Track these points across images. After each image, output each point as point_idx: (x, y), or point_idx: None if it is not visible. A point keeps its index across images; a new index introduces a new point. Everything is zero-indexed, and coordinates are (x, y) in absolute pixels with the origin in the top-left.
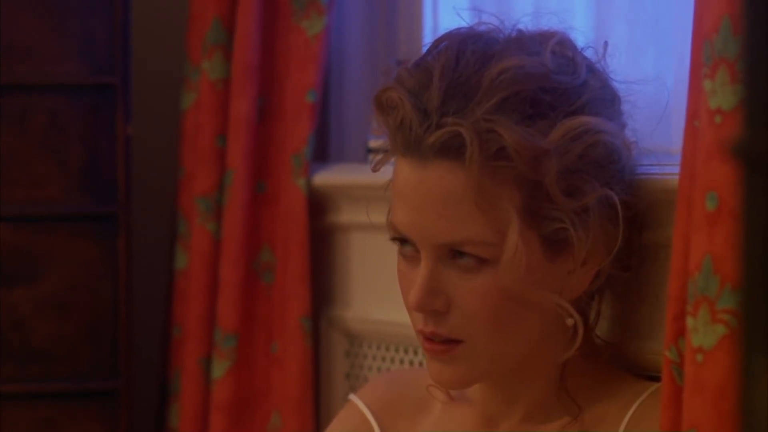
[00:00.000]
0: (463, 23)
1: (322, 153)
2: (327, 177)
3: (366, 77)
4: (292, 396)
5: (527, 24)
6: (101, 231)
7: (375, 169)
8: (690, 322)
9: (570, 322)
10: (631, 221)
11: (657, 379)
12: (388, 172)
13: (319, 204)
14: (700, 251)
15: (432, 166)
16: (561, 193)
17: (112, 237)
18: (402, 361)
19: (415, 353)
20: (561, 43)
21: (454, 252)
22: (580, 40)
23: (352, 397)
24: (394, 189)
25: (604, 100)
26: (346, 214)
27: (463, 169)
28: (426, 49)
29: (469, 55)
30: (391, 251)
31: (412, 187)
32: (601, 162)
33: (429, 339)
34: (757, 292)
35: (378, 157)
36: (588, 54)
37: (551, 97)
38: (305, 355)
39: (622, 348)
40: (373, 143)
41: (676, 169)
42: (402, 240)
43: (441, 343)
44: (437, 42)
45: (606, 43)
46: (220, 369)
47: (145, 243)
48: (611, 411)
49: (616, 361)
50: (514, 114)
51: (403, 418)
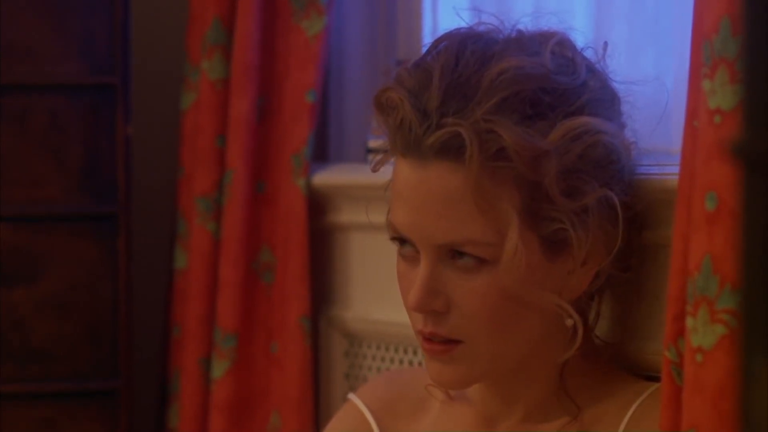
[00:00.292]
0: (462, 23)
1: (322, 153)
2: (327, 177)
3: (366, 77)
4: (291, 396)
5: (527, 24)
6: (101, 231)
7: (374, 170)
8: (690, 322)
9: (569, 322)
10: (630, 221)
11: (657, 379)
12: (387, 172)
13: (318, 204)
14: (700, 251)
15: (432, 167)
16: (560, 194)
17: (112, 237)
18: (402, 361)
19: (415, 353)
20: (561, 44)
21: (454, 252)
22: (580, 40)
23: (351, 397)
24: (393, 189)
25: (604, 101)
26: (346, 214)
27: (462, 170)
28: (426, 49)
29: (468, 55)
30: (391, 251)
31: (412, 188)
32: (600, 162)
33: (428, 339)
34: (757, 292)
35: (378, 157)
36: (588, 54)
37: (551, 97)
38: (305, 355)
39: (622, 348)
40: (372, 143)
41: (675, 169)
42: (401, 240)
43: (440, 343)
44: (437, 42)
45: (606, 44)
46: (220, 369)
47: (145, 243)
48: (610, 411)
49: (616, 361)
50: (514, 114)
51: (403, 417)
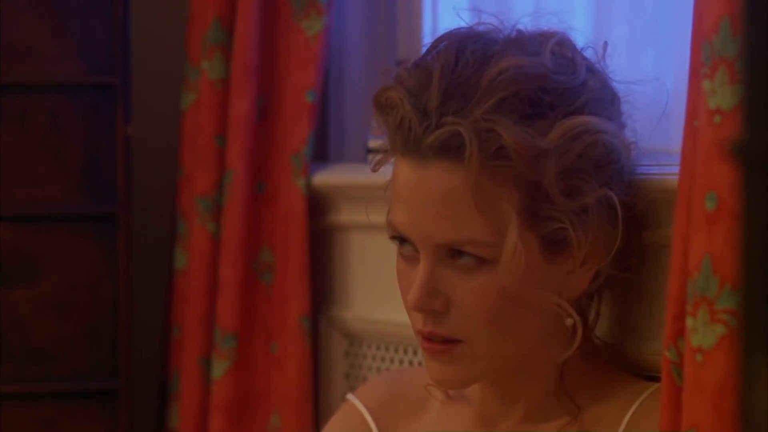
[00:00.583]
0: (462, 23)
1: (322, 153)
2: (326, 177)
3: (366, 77)
4: (291, 396)
5: (527, 24)
6: (101, 231)
7: (374, 170)
8: (689, 322)
9: (569, 322)
10: (630, 221)
11: (657, 379)
12: (387, 172)
13: (318, 204)
14: (700, 251)
15: (431, 166)
16: (560, 194)
17: (112, 237)
18: (401, 361)
19: (415, 353)
20: (560, 44)
21: (454, 252)
22: (580, 40)
23: (350, 397)
24: (393, 189)
25: (604, 101)
26: (346, 214)
27: (462, 169)
28: (425, 49)
29: (468, 55)
30: (391, 251)
31: (412, 188)
32: (600, 162)
33: (428, 339)
34: (757, 292)
35: (377, 157)
36: (588, 54)
37: (550, 97)
38: (305, 355)
39: (622, 348)
40: (372, 143)
41: (675, 169)
42: (401, 239)
43: (440, 342)
44: (437, 42)
45: (605, 44)
46: (220, 369)
47: (145, 243)
48: (610, 411)
49: (616, 361)
50: (514, 114)
51: (402, 417)
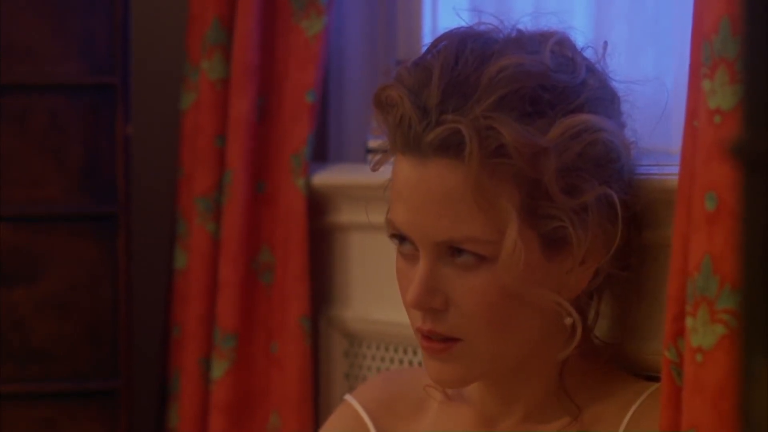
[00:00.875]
0: (462, 23)
1: (322, 153)
2: (326, 177)
3: (365, 77)
4: (291, 396)
5: (527, 24)
6: (101, 231)
7: (374, 169)
8: (689, 322)
9: (568, 321)
10: (630, 220)
11: (656, 379)
12: (387, 171)
13: (318, 204)
14: (700, 251)
15: (431, 164)
16: (560, 191)
17: (111, 237)
18: (401, 361)
19: (415, 353)
20: (560, 43)
21: (453, 250)
22: (580, 40)
23: (348, 398)
24: (393, 187)
25: (604, 100)
26: (346, 214)
27: (462, 167)
28: (425, 48)
29: (468, 53)
30: (391, 251)
31: (412, 186)
32: (600, 160)
33: (427, 337)
34: (757, 292)
35: (377, 156)
36: (588, 54)
37: (550, 95)
38: (304, 355)
39: (622, 348)
40: (372, 143)
41: (675, 169)
42: (401, 237)
43: (439, 341)
44: (437, 41)
45: (605, 43)
46: (220, 369)
47: (145, 243)
48: (610, 411)
49: (616, 361)
50: (513, 112)
51: (400, 418)
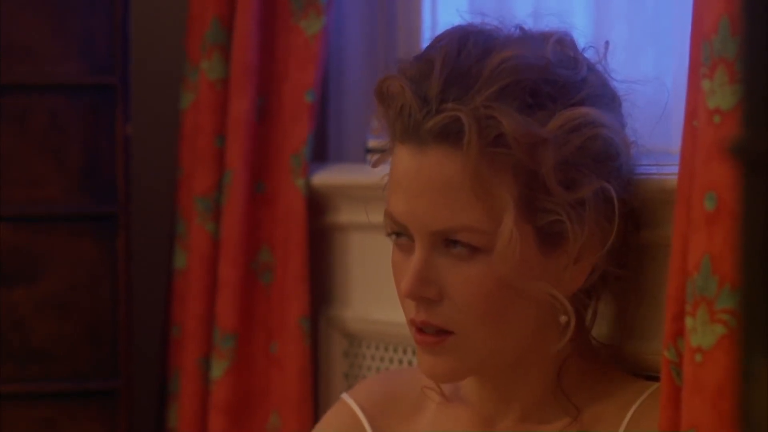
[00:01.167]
0: (463, 23)
1: (321, 153)
2: (326, 177)
3: (365, 77)
4: (291, 396)
5: (527, 25)
6: (101, 231)
7: (375, 165)
8: (689, 322)
9: (563, 319)
10: (627, 218)
11: (656, 379)
12: (387, 172)
13: (318, 204)
14: (699, 251)
15: (430, 152)
16: (558, 185)
17: (111, 237)
18: (401, 362)
19: (414, 353)
20: (562, 41)
21: (449, 241)
22: (581, 40)
23: (344, 396)
24: (391, 179)
25: (604, 97)
26: (345, 214)
27: (460, 155)
28: (428, 44)
29: (471, 46)
30: (390, 251)
31: (411, 175)
32: (599, 156)
33: (420, 330)
34: (757, 292)
35: (377, 156)
36: (589, 54)
37: (551, 88)
38: (304, 355)
39: (621, 348)
40: (372, 143)
41: (675, 169)
42: (398, 233)
43: (432, 334)
44: (439, 37)
45: (607, 43)
46: (219, 369)
47: (145, 243)
48: (610, 411)
49: (616, 361)
50: (514, 102)
51: (397, 419)
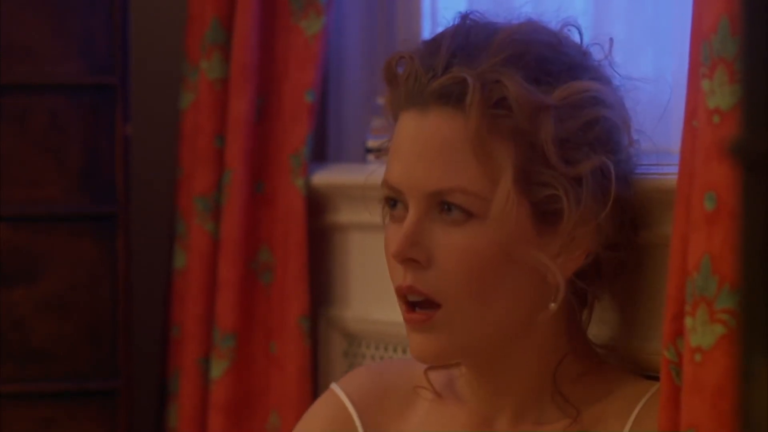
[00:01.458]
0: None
1: (321, 153)
2: (325, 177)
3: (365, 77)
4: (290, 396)
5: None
6: (101, 231)
7: (378, 157)
8: (688, 322)
9: (553, 307)
10: (623, 205)
11: (655, 379)
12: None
13: (317, 204)
14: (699, 251)
15: (431, 114)
16: (557, 157)
17: (111, 237)
18: None
19: None
20: (570, 28)
21: (443, 205)
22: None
23: (334, 386)
24: (390, 149)
25: (609, 84)
26: (345, 214)
27: (461, 117)
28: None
29: (479, 28)
30: None
31: (411, 137)
32: (600, 137)
33: (409, 309)
34: (756, 292)
35: (381, 148)
36: (593, 51)
37: (558, 65)
38: (304, 355)
39: (621, 348)
40: (371, 143)
41: (674, 168)
42: (393, 203)
43: (421, 312)
44: (448, 26)
45: (611, 40)
46: (219, 369)
47: (145, 243)
48: (611, 411)
49: (615, 361)
50: (520, 72)
51: (388, 413)
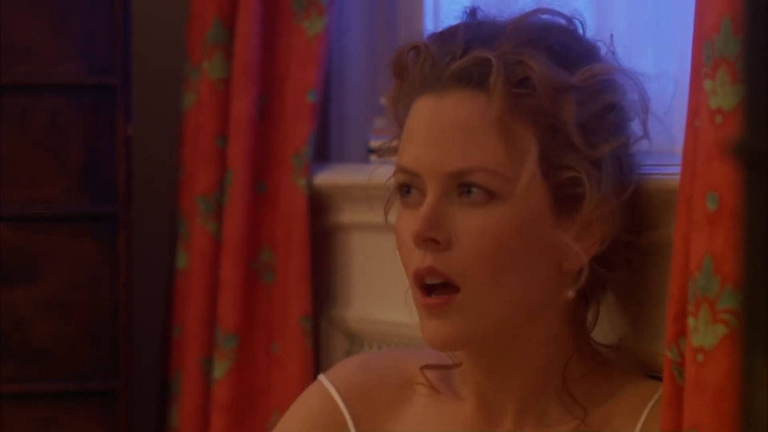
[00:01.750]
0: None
1: (323, 153)
2: (327, 177)
3: (367, 77)
4: (292, 396)
5: None
6: (101, 231)
7: (381, 155)
8: (691, 321)
9: (571, 294)
10: (634, 191)
11: (658, 379)
12: (388, 173)
13: (319, 204)
14: (701, 251)
15: (449, 96)
16: (580, 138)
17: (112, 237)
18: None
19: None
20: (580, 20)
21: (463, 186)
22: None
23: (322, 378)
24: (404, 137)
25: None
26: (347, 214)
27: (482, 98)
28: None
29: (489, 20)
30: (392, 251)
31: (427, 121)
32: (617, 121)
33: (425, 294)
34: (758, 291)
35: (384, 147)
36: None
37: (576, 51)
38: (306, 355)
39: (623, 348)
40: (373, 143)
41: (677, 168)
42: (407, 188)
43: (438, 296)
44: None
45: (612, 36)
46: (221, 369)
47: (146, 243)
48: (619, 412)
49: (618, 361)
50: (541, 53)
51: (379, 407)
